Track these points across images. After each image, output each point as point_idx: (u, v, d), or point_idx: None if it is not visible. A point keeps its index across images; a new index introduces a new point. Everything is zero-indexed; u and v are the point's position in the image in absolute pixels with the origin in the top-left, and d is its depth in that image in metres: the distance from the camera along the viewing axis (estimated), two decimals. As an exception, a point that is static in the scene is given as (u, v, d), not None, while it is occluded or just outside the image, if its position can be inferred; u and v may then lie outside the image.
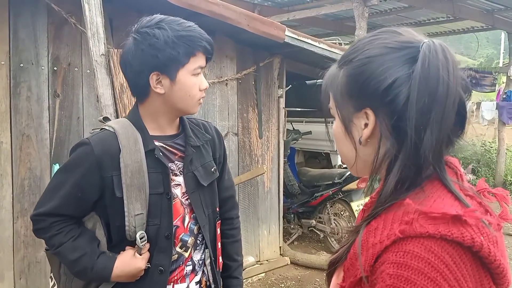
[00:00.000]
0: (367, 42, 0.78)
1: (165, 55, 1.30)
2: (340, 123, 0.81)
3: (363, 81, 0.74)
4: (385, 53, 0.74)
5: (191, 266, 1.50)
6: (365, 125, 0.76)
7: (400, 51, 0.73)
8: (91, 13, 2.26)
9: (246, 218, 4.33)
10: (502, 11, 7.71)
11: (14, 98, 2.80)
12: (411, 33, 0.76)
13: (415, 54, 0.71)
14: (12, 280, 2.84)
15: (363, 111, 0.76)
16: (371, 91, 0.74)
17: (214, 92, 3.94)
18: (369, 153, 0.78)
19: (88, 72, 3.06)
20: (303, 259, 4.62)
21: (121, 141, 1.35)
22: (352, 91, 0.77)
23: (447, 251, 0.63)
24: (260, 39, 3.69)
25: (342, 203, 4.94)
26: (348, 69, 0.78)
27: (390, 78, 0.71)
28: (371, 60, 0.74)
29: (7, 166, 2.79)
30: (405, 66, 0.71)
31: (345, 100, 0.79)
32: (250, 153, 4.28)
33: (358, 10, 6.18)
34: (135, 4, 3.07)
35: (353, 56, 0.78)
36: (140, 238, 1.34)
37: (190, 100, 1.38)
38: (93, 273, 1.35)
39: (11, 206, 2.82)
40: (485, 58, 39.60)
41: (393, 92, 0.71)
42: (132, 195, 1.33)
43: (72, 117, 3.03)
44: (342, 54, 0.83)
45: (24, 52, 2.82)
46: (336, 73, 0.82)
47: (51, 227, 1.37)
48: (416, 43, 0.73)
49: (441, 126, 0.69)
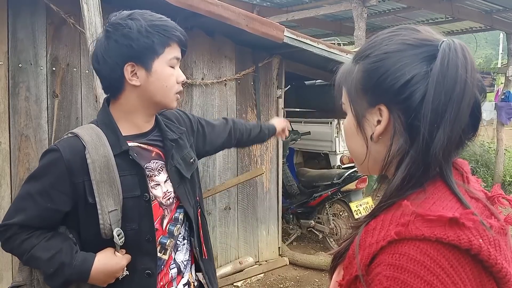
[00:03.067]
0: (385, 38, 0.77)
1: (140, 44, 1.26)
2: (353, 119, 0.80)
3: (379, 77, 0.74)
4: (403, 50, 0.73)
5: (176, 268, 1.45)
6: (377, 122, 0.76)
7: (419, 48, 0.72)
8: (90, 13, 2.26)
9: (245, 219, 4.33)
10: (501, 11, 7.72)
11: (12, 99, 2.80)
12: (430, 32, 0.76)
13: (434, 52, 0.70)
14: (10, 280, 2.83)
15: (377, 107, 0.75)
16: (386, 87, 0.73)
17: (213, 93, 3.94)
18: (379, 150, 0.78)
19: (86, 73, 3.06)
20: (302, 260, 4.62)
21: (83, 138, 1.28)
22: (367, 86, 0.76)
23: (443, 254, 0.62)
24: (259, 39, 3.70)
25: (341, 203, 4.94)
26: (364, 64, 0.78)
27: (407, 75, 0.71)
28: (389, 55, 0.74)
29: (5, 167, 2.79)
30: (423, 64, 0.71)
31: (359, 95, 0.78)
32: (249, 153, 4.28)
33: (357, 11, 6.18)
34: (134, 5, 3.06)
35: (370, 51, 0.77)
36: (117, 235, 1.27)
37: (168, 91, 1.34)
38: (72, 269, 1.25)
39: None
40: (484, 58, 39.64)
41: (409, 89, 0.71)
42: (104, 191, 1.26)
43: (71, 118, 3.02)
44: (358, 49, 0.82)
45: (23, 52, 2.82)
46: (351, 68, 0.81)
47: (19, 232, 1.29)
48: (435, 41, 0.72)
49: (453, 125, 0.68)
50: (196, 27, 3.69)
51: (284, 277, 4.37)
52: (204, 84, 3.84)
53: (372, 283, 0.65)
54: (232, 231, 4.23)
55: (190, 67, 3.74)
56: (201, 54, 3.82)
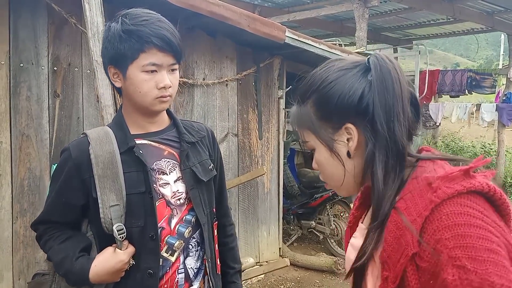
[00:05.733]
0: (322, 72, 0.88)
1: (114, 48, 1.30)
2: (324, 148, 0.88)
3: (336, 101, 0.84)
4: (344, 74, 0.85)
5: (184, 274, 1.41)
6: (347, 140, 0.86)
7: (354, 69, 0.86)
8: (92, 13, 2.26)
9: (246, 219, 4.32)
10: (502, 12, 7.72)
11: (14, 98, 2.79)
12: (352, 57, 0.90)
13: (366, 67, 0.85)
14: (11, 280, 2.83)
15: (343, 127, 0.85)
16: (347, 107, 0.84)
17: (214, 93, 3.94)
18: (356, 164, 0.87)
19: (88, 72, 3.06)
20: (302, 261, 4.62)
21: (89, 136, 1.34)
22: (326, 113, 0.87)
23: (476, 201, 0.72)
24: (260, 40, 3.69)
25: (342, 204, 4.94)
26: (314, 99, 0.88)
27: (359, 90, 0.83)
28: (336, 82, 0.85)
29: (6, 166, 2.79)
30: (363, 78, 0.84)
31: (321, 126, 0.88)
32: (250, 154, 4.28)
33: (359, 11, 6.18)
34: (135, 4, 3.06)
35: (314, 87, 0.88)
36: (117, 231, 1.29)
37: (143, 97, 1.32)
38: (73, 275, 1.33)
39: (10, 206, 2.81)
40: (485, 59, 39.62)
41: (365, 100, 0.83)
42: (106, 186, 1.29)
43: (72, 117, 3.02)
44: (298, 93, 0.92)
45: (24, 52, 2.82)
46: (300, 110, 0.91)
47: (44, 233, 1.41)
48: (361, 61, 0.86)
49: (403, 115, 0.82)
50: (198, 27, 3.69)
51: (285, 278, 4.37)
52: (206, 84, 3.84)
53: (439, 252, 0.69)
54: (233, 232, 4.22)
55: (191, 67, 3.74)
56: (202, 54, 3.82)
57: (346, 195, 0.94)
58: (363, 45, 6.23)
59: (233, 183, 4.03)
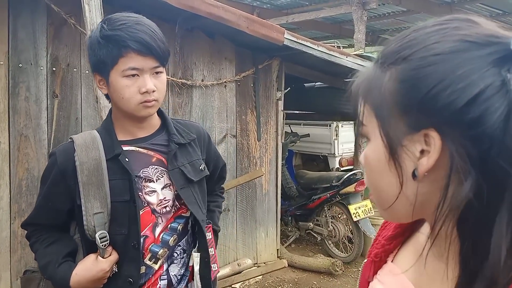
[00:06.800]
0: (432, 32, 0.54)
1: (95, 55, 1.29)
2: (383, 148, 0.58)
3: (430, 89, 0.52)
4: (465, 49, 0.51)
5: (166, 280, 1.41)
6: (421, 152, 0.54)
7: (485, 48, 0.50)
8: (91, 14, 2.26)
9: (244, 220, 4.33)
10: (500, 16, 7.75)
11: (12, 98, 2.79)
12: (491, 24, 0.55)
13: (505, 53, 0.50)
14: (9, 281, 2.82)
15: (423, 132, 0.53)
16: (442, 105, 0.51)
17: (213, 94, 3.94)
18: (424, 192, 0.56)
19: (87, 73, 3.06)
20: (300, 262, 4.62)
21: (75, 142, 1.33)
22: (409, 102, 0.54)
23: None
24: (259, 41, 3.70)
25: (340, 206, 4.94)
26: (401, 71, 0.55)
27: (476, 87, 0.49)
28: (444, 58, 0.51)
29: (4, 167, 2.79)
30: (494, 69, 0.49)
31: (394, 116, 0.56)
32: (248, 155, 4.29)
33: (357, 14, 6.20)
34: (135, 6, 3.07)
35: (410, 52, 0.55)
36: (100, 238, 1.28)
37: (126, 102, 1.29)
38: (55, 282, 1.35)
39: (8, 206, 2.81)
40: (483, 62, 39.74)
41: (480, 107, 0.48)
42: (90, 193, 1.28)
43: (70, 118, 3.02)
44: (385, 49, 0.59)
45: (23, 52, 2.82)
46: (377, 76, 0.58)
47: (31, 235, 1.43)
48: (503, 38, 0.51)
49: None
50: (197, 29, 3.70)
51: (283, 279, 4.37)
52: (204, 85, 3.84)
53: None
54: (231, 233, 4.22)
55: (190, 69, 3.74)
56: (201, 56, 3.82)
57: (389, 220, 0.64)
58: (362, 47, 6.26)
59: (231, 184, 4.04)
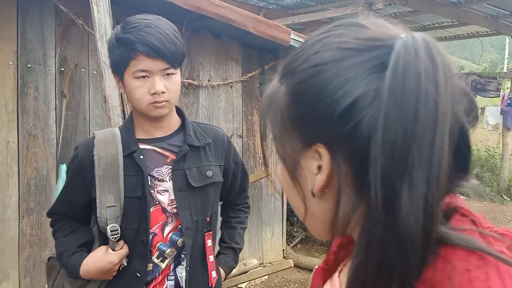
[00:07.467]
0: (315, 42, 0.51)
1: (111, 56, 1.36)
2: (284, 166, 0.55)
3: (310, 102, 0.48)
4: (342, 58, 0.47)
5: (173, 281, 1.41)
6: (318, 169, 0.50)
7: (364, 54, 0.47)
8: (100, 15, 2.28)
9: (250, 220, 4.31)
10: (507, 16, 7.70)
11: (21, 98, 2.82)
12: (383, 26, 0.50)
13: (387, 58, 0.45)
14: (17, 279, 2.85)
15: (313, 147, 0.49)
16: (322, 118, 0.47)
17: (219, 94, 3.95)
18: (327, 210, 0.52)
19: (94, 73, 3.08)
20: (306, 262, 4.62)
21: (96, 137, 1.39)
22: (297, 118, 0.51)
23: None
24: (266, 42, 3.71)
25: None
26: (290, 85, 0.51)
27: (349, 97, 0.45)
28: (321, 69, 0.48)
29: (13, 166, 2.81)
30: (372, 77, 0.45)
31: (288, 132, 0.52)
32: (254, 155, 4.29)
33: (363, 14, 6.19)
34: (142, 6, 3.09)
35: (295, 65, 0.51)
36: (111, 231, 1.32)
37: (138, 103, 1.34)
38: (68, 269, 1.41)
39: (17, 205, 2.83)
40: (489, 63, 39.55)
41: (354, 117, 0.45)
42: (105, 187, 1.33)
43: (78, 118, 3.05)
44: (284, 61, 0.55)
45: (32, 52, 2.85)
46: (276, 91, 0.54)
47: (54, 224, 1.51)
48: (388, 41, 0.46)
49: (429, 174, 0.41)
50: (203, 29, 3.71)
51: (288, 280, 4.37)
52: (211, 85, 3.86)
53: None
54: (237, 233, 4.23)
55: (196, 69, 3.76)
56: (207, 56, 3.84)
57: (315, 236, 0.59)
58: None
59: (237, 184, 4.04)
